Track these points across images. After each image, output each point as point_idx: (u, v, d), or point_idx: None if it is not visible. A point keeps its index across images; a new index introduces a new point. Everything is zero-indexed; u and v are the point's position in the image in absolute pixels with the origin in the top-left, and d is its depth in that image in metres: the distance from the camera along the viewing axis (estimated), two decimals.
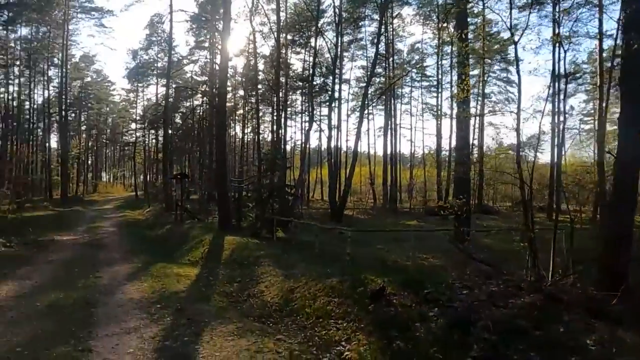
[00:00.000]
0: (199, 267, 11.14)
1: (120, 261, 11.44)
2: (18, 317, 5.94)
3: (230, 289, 8.90)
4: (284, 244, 13.74)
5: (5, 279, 8.51)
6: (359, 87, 48.45)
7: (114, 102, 54.06)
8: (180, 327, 5.79)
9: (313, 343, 5.43)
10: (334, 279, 7.36)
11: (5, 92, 39.19)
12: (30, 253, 12.35)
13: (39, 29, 38.02)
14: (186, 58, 40.49)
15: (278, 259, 10.72)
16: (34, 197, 36.80)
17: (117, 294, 7.64)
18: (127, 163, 64.90)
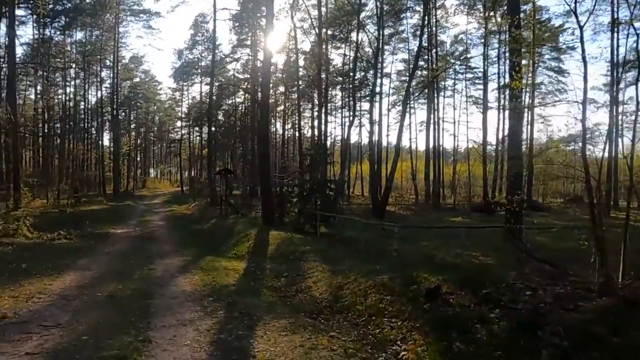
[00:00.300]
0: (245, 261, 11.27)
1: (171, 254, 11.79)
2: (82, 307, 6.20)
3: (278, 283, 8.92)
4: (328, 240, 13.66)
5: (68, 269, 8.98)
6: (399, 81, 47.60)
7: (161, 100, 56.20)
8: (234, 320, 5.82)
9: (367, 341, 5.28)
10: (384, 276, 7.17)
11: (63, 93, 41.70)
12: (88, 245, 13.01)
13: (92, 32, 40.09)
14: (229, 56, 41.24)
15: (324, 255, 10.65)
16: (89, 192, 38.91)
17: (170, 286, 7.83)
18: (173, 159, 67.42)
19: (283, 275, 9.54)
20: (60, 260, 9.80)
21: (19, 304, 6.21)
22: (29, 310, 5.98)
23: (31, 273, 8.34)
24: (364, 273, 7.81)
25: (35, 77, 37.38)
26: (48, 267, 8.92)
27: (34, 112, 38.60)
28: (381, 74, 32.01)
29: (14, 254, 10.34)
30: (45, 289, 7.18)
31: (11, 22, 24.34)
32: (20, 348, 4.62)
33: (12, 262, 9.26)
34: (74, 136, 41.24)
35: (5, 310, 5.90)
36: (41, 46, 34.96)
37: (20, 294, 6.76)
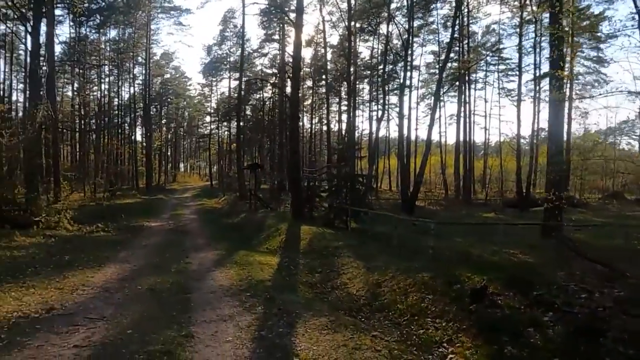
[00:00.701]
0: (278, 255, 11.25)
1: (205, 247, 11.91)
2: (124, 300, 6.28)
3: (312, 279, 8.84)
4: (359, 235, 13.49)
5: (108, 261, 9.18)
6: (428, 74, 46.67)
7: (190, 96, 57.17)
8: (273, 317, 5.75)
9: (411, 342, 5.11)
10: (424, 274, 6.95)
11: (98, 90, 43.06)
12: (125, 238, 13.32)
13: (125, 30, 41.11)
14: (256, 51, 41.47)
15: (357, 250, 10.50)
16: (123, 186, 40.10)
17: (207, 280, 7.86)
18: (202, 154, 68.58)
19: (317, 271, 9.45)
20: (100, 253, 10.04)
21: (64, 296, 6.35)
22: (74, 302, 6.10)
23: (74, 265, 8.57)
24: (401, 270, 7.61)
25: (72, 74, 38.68)
26: (89, 260, 9.14)
27: (71, 108, 39.96)
28: (411, 66, 31.34)
29: (57, 246, 10.68)
30: (88, 281, 7.33)
31: (50, 22, 25.10)
32: (69, 340, 4.69)
33: (56, 254, 9.54)
34: (109, 131, 42.49)
35: (52, 301, 6.05)
36: (77, 44, 36.11)
37: (65, 285, 6.93)
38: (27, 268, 8.07)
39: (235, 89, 43.05)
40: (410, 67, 30.56)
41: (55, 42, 27.37)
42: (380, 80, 40.32)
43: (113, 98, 44.11)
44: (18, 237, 11.15)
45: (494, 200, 31.88)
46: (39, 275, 7.52)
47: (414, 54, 38.18)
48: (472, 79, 39.94)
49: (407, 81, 29.34)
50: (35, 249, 10.02)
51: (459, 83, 36.90)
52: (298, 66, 17.34)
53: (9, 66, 37.17)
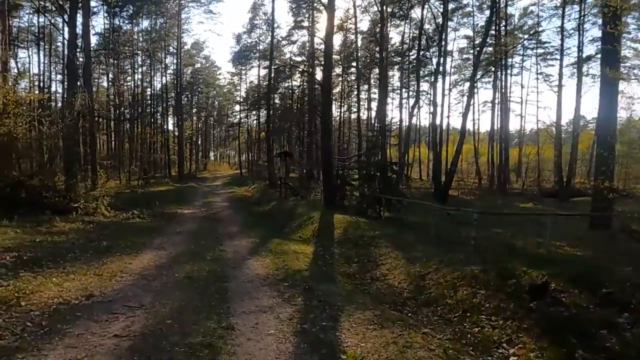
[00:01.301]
0: (312, 244, 10.98)
1: (238, 235, 11.77)
2: (162, 288, 6.14)
3: (350, 269, 8.51)
4: (394, 224, 13.04)
5: (145, 248, 9.14)
6: (461, 59, 45.01)
7: (220, 85, 57.50)
8: (314, 309, 5.45)
9: (467, 341, 4.69)
10: (473, 267, 6.47)
11: (131, 80, 43.86)
12: (160, 224, 13.37)
13: (156, 21, 41.48)
14: (285, 39, 41.04)
15: (394, 240, 10.08)
16: (156, 174, 40.94)
17: (243, 268, 7.66)
18: (231, 143, 69.23)
19: (354, 261, 9.12)
20: (137, 239, 10.04)
21: (103, 283, 6.27)
22: (113, 289, 6.00)
23: (111, 251, 8.56)
24: (446, 263, 7.16)
25: (107, 65, 39.45)
26: (126, 246, 9.13)
27: (106, 98, 40.89)
28: (444, 51, 30.12)
29: (95, 232, 10.78)
30: (126, 267, 7.26)
31: (86, 13, 25.49)
32: (109, 329, 4.54)
33: (94, 240, 9.59)
34: (142, 121, 43.32)
35: (91, 288, 5.96)
36: (111, 35, 36.72)
37: (103, 272, 6.86)
38: (67, 253, 8.10)
39: (265, 77, 42.87)
40: (444, 52, 29.35)
41: (91, 32, 27.92)
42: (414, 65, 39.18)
43: (146, 88, 44.86)
44: (58, 222, 11.33)
45: (531, 190, 30.56)
46: (78, 261, 7.52)
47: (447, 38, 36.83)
48: (507, 64, 38.22)
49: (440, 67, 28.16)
50: (75, 235, 10.12)
51: (494, 68, 35.39)
52: (330, 51, 16.84)
53: (47, 58, 38.34)
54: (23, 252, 7.89)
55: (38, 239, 9.22)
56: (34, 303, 5.20)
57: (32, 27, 38.47)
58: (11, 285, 5.82)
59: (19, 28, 38.10)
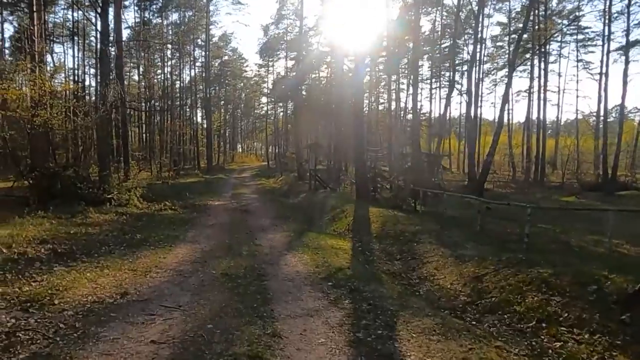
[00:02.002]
0: (349, 239, 10.42)
1: (272, 228, 11.33)
2: (199, 285, 5.72)
3: (393, 267, 7.91)
4: (434, 219, 12.30)
5: (178, 241, 8.81)
6: (494, 47, 43.15)
7: (247, 77, 57.41)
8: (366, 314, 4.89)
9: (550, 358, 4.03)
10: (539, 269, 5.75)
11: (161, 73, 44.23)
12: (192, 216, 13.09)
13: (185, 13, 41.54)
14: (312, 29, 40.26)
15: (438, 236, 9.41)
16: (186, 165, 41.27)
17: (281, 265, 7.18)
18: (258, 135, 69.33)
19: (396, 258, 8.52)
20: (170, 232, 9.75)
21: (138, 279, 5.91)
22: (148, 286, 5.62)
23: (145, 244, 8.26)
24: (504, 263, 6.45)
25: (138, 58, 39.85)
26: (160, 239, 8.82)
27: (137, 90, 41.38)
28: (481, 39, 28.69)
29: (128, 224, 10.56)
30: (161, 262, 6.90)
31: (118, 5, 25.61)
32: (145, 333, 4.12)
33: (128, 233, 9.34)
34: (171, 113, 43.69)
35: (126, 285, 5.60)
36: (142, 28, 36.95)
37: (138, 267, 6.52)
38: (100, 246, 7.85)
39: (292, 68, 42.38)
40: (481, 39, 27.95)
41: (123, 26, 28.05)
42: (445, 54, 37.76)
43: (175, 81, 45.20)
44: (92, 213, 11.18)
45: (570, 183, 28.96)
46: (112, 255, 7.23)
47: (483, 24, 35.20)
48: (546, 51, 36.28)
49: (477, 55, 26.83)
50: (108, 227, 9.91)
51: (530, 56, 33.65)
52: (362, 42, 16.09)
53: (81, 52, 39.01)
54: (57, 244, 7.67)
55: (72, 230, 9.02)
56: (68, 301, 4.86)
57: (67, 22, 39.24)
58: (45, 280, 5.54)
59: (54, 23, 38.91)
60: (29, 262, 6.37)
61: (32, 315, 4.40)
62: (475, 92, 23.26)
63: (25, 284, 5.37)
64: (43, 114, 12.26)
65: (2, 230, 8.34)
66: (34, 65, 12.76)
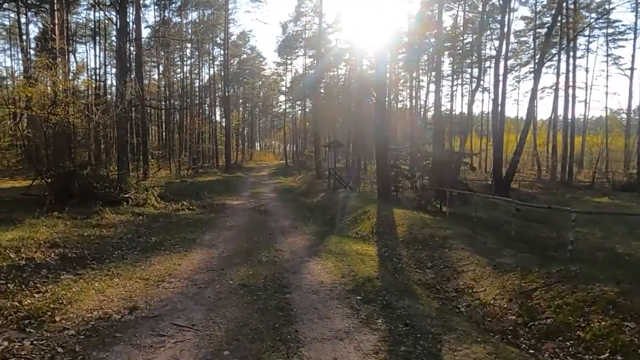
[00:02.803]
0: (374, 243, 9.73)
1: (292, 231, 10.73)
2: (215, 299, 5.13)
3: (425, 277, 7.20)
4: (463, 221, 11.52)
5: (195, 245, 8.29)
6: (517, 43, 41.60)
7: (265, 76, 57.06)
8: (404, 338, 4.21)
9: None
10: (602, 286, 4.95)
11: (180, 72, 44.20)
12: (209, 217, 12.61)
13: (204, 12, 41.33)
14: (331, 26, 39.50)
15: (470, 241, 8.63)
16: (204, 164, 41.13)
17: (304, 273, 6.55)
18: (276, 133, 69.01)
19: (427, 266, 7.79)
20: (186, 235, 9.25)
21: (149, 290, 5.37)
22: (160, 299, 5.07)
23: (160, 248, 7.77)
24: (556, 277, 5.66)
25: (158, 57, 39.85)
26: (176, 242, 8.33)
27: (157, 89, 41.44)
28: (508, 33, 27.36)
29: (144, 225, 10.12)
30: (175, 270, 6.37)
31: (137, 6, 25.47)
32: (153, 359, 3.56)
33: (142, 235, 8.89)
34: (190, 112, 43.65)
35: (136, 297, 5.07)
36: (161, 27, 36.85)
37: (150, 275, 6.00)
38: (113, 251, 7.39)
39: (310, 66, 41.75)
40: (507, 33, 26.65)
41: (143, 25, 27.97)
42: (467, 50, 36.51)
43: (194, 79, 45.12)
44: (108, 214, 10.80)
45: (601, 183, 27.51)
46: (124, 261, 6.74)
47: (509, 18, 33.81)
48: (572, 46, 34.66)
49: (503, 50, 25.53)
50: (123, 229, 9.48)
51: (557, 51, 32.16)
52: (384, 37, 15.32)
53: (103, 52, 39.25)
54: (69, 248, 7.25)
55: (86, 232, 8.62)
56: (71, 317, 4.34)
57: (89, 23, 39.54)
58: (49, 292, 5.05)
59: (76, 24, 39.26)
60: (36, 269, 5.93)
61: (29, 336, 3.88)
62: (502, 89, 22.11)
63: (27, 295, 4.88)
64: (60, 112, 11.94)
65: (14, 232, 7.98)
66: (51, 63, 12.43)
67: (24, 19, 35.39)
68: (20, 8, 33.84)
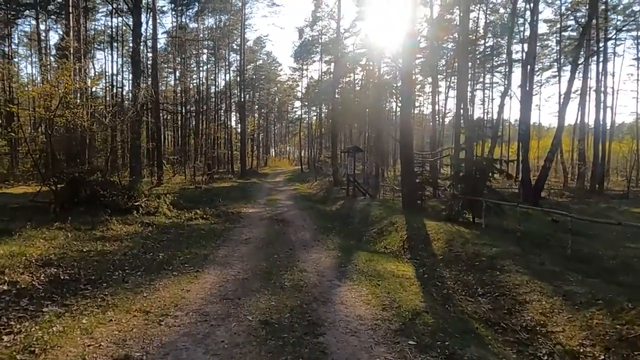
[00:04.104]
0: (408, 261, 8.48)
1: (314, 244, 9.56)
2: (230, 346, 3.96)
3: (480, 307, 5.91)
4: (504, 235, 10.18)
5: (207, 263, 7.15)
6: (540, 46, 39.89)
7: (281, 81, 56.26)
8: None
9: None
10: None
11: (197, 77, 43.63)
12: (224, 227, 11.51)
13: (221, 18, 40.75)
14: (347, 31, 38.48)
15: (524, 262, 7.32)
16: (219, 169, 40.32)
17: (336, 303, 5.35)
18: (291, 139, 68.10)
19: (479, 293, 6.49)
20: (198, 249, 8.16)
21: (149, 329, 4.23)
22: (160, 344, 3.93)
23: (167, 268, 6.66)
24: None
25: (174, 63, 39.34)
26: (186, 260, 7.23)
27: (173, 94, 40.93)
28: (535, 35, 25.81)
29: (153, 238, 9.05)
30: (183, 298, 5.23)
31: (154, 14, 24.85)
32: None
33: (150, 250, 7.81)
34: (206, 117, 43.01)
35: (131, 340, 3.94)
36: (177, 32, 36.35)
37: (152, 306, 4.88)
38: (114, 271, 6.30)
39: (326, 72, 40.74)
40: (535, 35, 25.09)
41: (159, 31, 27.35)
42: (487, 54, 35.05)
43: (210, 85, 44.51)
44: (115, 225, 9.79)
45: (635, 191, 25.66)
46: (124, 285, 5.64)
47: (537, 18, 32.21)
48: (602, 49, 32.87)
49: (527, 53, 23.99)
50: (129, 242, 8.42)
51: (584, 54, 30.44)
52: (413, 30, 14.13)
53: (121, 58, 38.90)
54: (63, 267, 6.21)
55: (87, 247, 7.58)
56: None
57: (107, 30, 39.27)
58: (23, 331, 3.96)
59: (95, 30, 39.03)
60: (16, 298, 4.85)
61: None
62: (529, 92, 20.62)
63: None
64: (68, 114, 11.02)
65: (5, 246, 6.99)
66: (61, 62, 11.57)
67: (44, 25, 35.21)
68: (41, 14, 33.63)
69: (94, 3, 35.73)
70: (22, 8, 34.55)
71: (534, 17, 20.29)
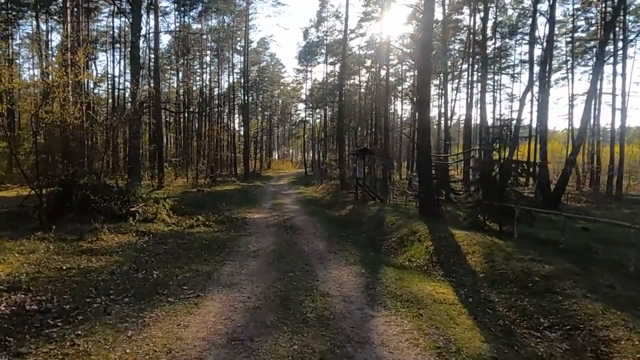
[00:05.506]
0: (442, 279, 7.20)
1: (331, 257, 8.27)
2: None
3: (554, 348, 4.61)
4: (546, 248, 8.88)
5: (210, 285, 5.87)
6: None
7: (284, 83, 55.06)
8: None
9: None
10: None
11: (200, 79, 42.42)
12: (229, 236, 10.23)
13: (224, 19, 39.58)
14: (353, 32, 37.31)
15: (589, 284, 6.05)
16: (222, 172, 39.06)
17: (376, 345, 4.09)
18: (294, 141, 66.85)
19: (544, 325, 5.20)
20: (199, 266, 6.88)
21: None
22: None
23: (162, 292, 5.39)
24: None
25: (177, 64, 38.15)
26: (185, 280, 5.95)
27: (176, 95, 39.75)
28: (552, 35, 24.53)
29: (147, 252, 7.76)
30: (178, 339, 3.96)
31: (156, 15, 23.71)
32: None
33: (142, 267, 6.53)
34: (209, 119, 41.79)
35: None
36: (180, 33, 35.18)
37: (138, 352, 3.61)
38: (95, 297, 5.04)
39: (331, 73, 39.54)
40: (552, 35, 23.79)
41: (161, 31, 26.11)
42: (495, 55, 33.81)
43: (214, 87, 43.32)
44: (105, 234, 8.53)
45: None
46: (105, 319, 4.37)
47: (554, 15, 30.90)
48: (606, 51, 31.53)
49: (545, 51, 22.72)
50: (120, 257, 7.15)
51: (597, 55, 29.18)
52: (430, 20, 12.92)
53: (123, 59, 37.72)
54: (33, 292, 4.96)
55: (68, 264, 6.31)
56: None
57: (109, 30, 38.16)
58: None
59: (97, 31, 37.91)
60: None
61: None
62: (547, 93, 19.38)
63: None
64: (56, 110, 9.78)
65: None
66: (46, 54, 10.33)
67: (45, 26, 34.06)
68: (41, 14, 32.50)
69: (96, 4, 34.62)
70: (24, 8, 33.46)
71: (552, 14, 19.07)
